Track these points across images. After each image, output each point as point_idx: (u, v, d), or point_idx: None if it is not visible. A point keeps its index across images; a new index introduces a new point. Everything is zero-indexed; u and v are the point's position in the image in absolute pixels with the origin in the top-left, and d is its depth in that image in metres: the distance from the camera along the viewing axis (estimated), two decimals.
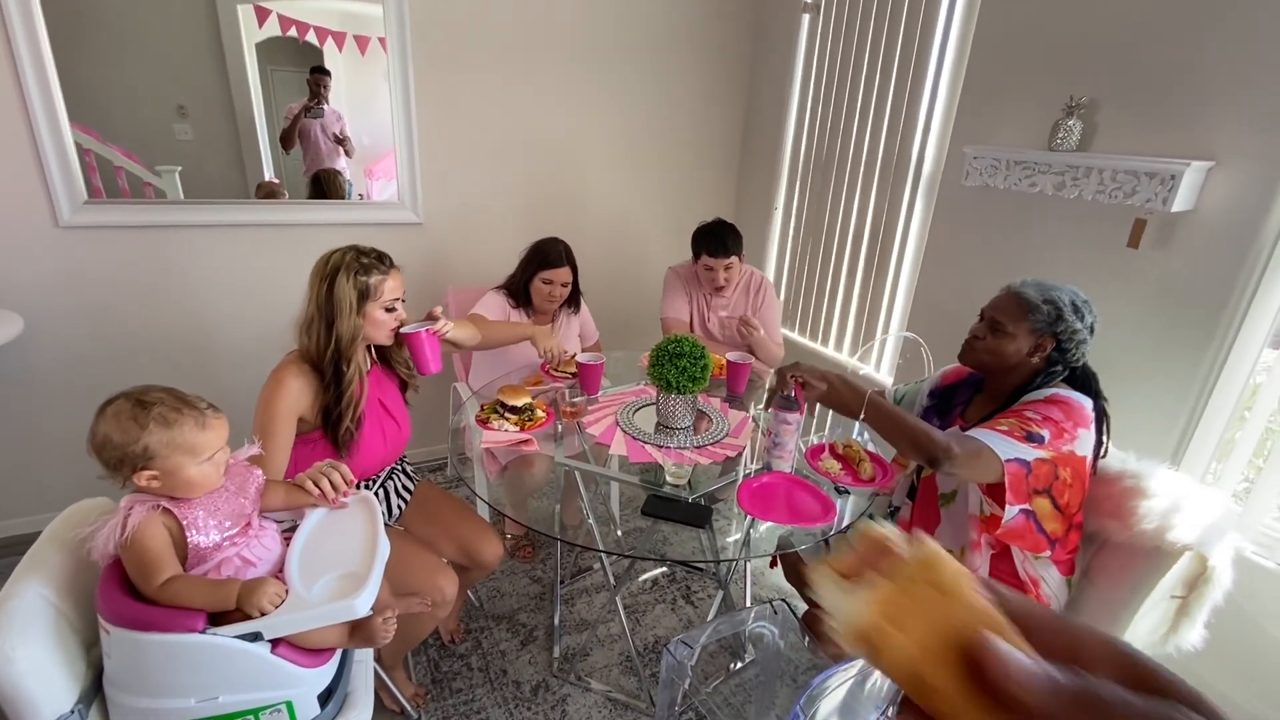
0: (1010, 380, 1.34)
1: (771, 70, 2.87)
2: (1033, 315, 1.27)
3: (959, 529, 1.37)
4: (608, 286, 2.96)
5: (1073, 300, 1.27)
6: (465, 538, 1.64)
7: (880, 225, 2.45)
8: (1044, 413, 1.23)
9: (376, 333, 1.45)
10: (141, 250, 2.14)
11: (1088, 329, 1.28)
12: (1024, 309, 1.28)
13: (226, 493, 1.12)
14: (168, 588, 0.98)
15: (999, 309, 1.33)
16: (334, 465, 1.24)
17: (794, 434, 1.49)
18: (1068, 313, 1.26)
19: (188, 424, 1.04)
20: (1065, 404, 1.25)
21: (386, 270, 1.44)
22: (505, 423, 1.66)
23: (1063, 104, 1.72)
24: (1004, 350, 1.31)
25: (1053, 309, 1.26)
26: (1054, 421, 1.22)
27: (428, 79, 2.35)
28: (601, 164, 2.82)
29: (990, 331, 1.33)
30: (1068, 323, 1.26)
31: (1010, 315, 1.30)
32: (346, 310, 1.37)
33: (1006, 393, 1.35)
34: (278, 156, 2.28)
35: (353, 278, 1.38)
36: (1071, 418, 1.23)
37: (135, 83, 2.03)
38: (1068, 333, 1.26)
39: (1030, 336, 1.29)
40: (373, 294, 1.41)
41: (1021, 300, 1.29)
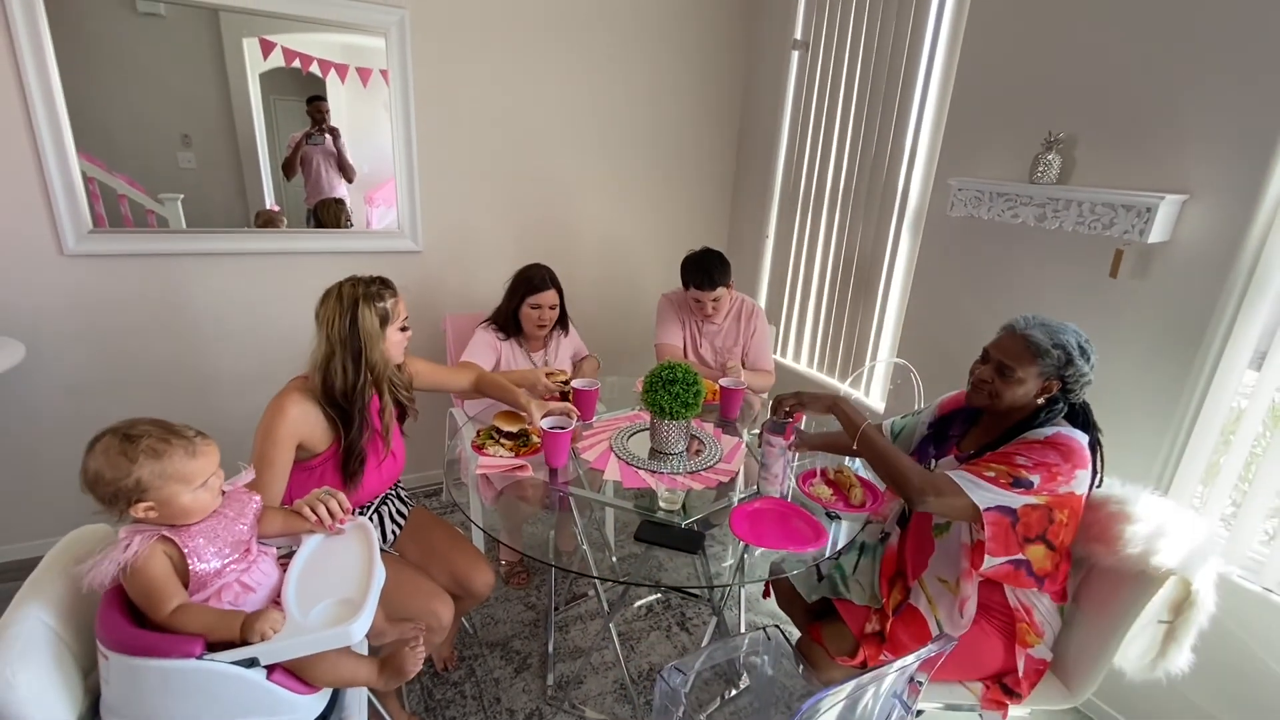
0: (1013, 417, 1.33)
1: (763, 104, 2.96)
2: (1042, 360, 1.26)
3: (952, 559, 1.39)
4: (603, 312, 3.01)
5: (1079, 343, 1.27)
6: (457, 566, 1.65)
7: (869, 254, 2.51)
8: (1037, 457, 1.22)
9: (396, 354, 1.51)
10: (144, 279, 2.17)
11: (1092, 370, 1.28)
12: (1033, 353, 1.27)
13: (225, 519, 1.14)
14: (177, 615, 0.99)
15: (1007, 353, 1.30)
16: (330, 493, 1.26)
17: (779, 457, 1.52)
18: (1076, 357, 1.25)
19: (177, 453, 1.05)
20: (1064, 446, 1.23)
21: (396, 292, 1.49)
22: (500, 448, 1.68)
23: (1042, 138, 1.79)
24: (1014, 393, 1.30)
25: (1063, 354, 1.25)
26: (1046, 465, 1.21)
27: (428, 110, 2.42)
28: (597, 193, 2.88)
29: (998, 375, 1.31)
30: (1077, 366, 1.25)
31: (1018, 359, 1.28)
32: (376, 339, 1.42)
33: (1005, 428, 1.34)
34: (279, 185, 2.32)
35: (372, 306, 1.43)
36: (1070, 459, 1.22)
37: (141, 112, 2.07)
38: (1075, 376, 1.26)
39: (1039, 380, 1.28)
40: (392, 317, 1.47)
41: (1030, 344, 1.28)
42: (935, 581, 1.41)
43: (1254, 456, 1.63)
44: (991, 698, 1.38)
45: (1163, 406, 1.65)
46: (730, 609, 2.18)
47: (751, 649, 1.58)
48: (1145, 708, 1.74)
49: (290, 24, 2.20)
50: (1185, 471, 1.67)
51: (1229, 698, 1.58)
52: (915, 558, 1.45)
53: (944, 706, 1.43)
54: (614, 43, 2.70)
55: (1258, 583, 1.54)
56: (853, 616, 1.46)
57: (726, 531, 1.44)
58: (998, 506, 1.21)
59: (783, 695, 1.56)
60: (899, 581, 1.48)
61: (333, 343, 1.40)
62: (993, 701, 1.37)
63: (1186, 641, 1.28)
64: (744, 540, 1.37)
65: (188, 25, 2.08)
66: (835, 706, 1.05)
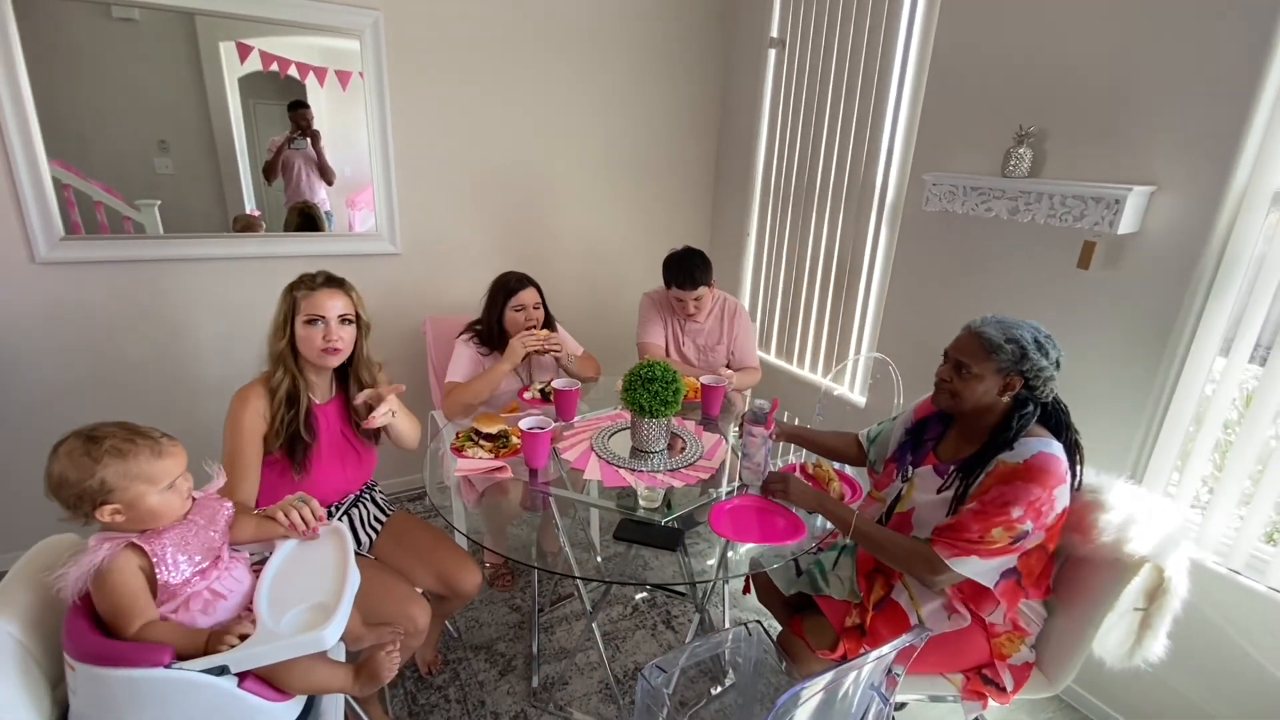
0: (985, 420, 1.33)
1: (741, 102, 2.97)
2: (997, 355, 1.27)
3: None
4: (585, 313, 3.00)
5: (1035, 337, 1.27)
6: (443, 567, 1.64)
7: (849, 249, 2.52)
8: (1025, 498, 1.20)
9: (306, 349, 1.48)
10: (118, 285, 2.15)
11: (1053, 364, 1.27)
12: (986, 349, 1.28)
13: (196, 526, 1.12)
14: (143, 633, 0.98)
15: (962, 350, 1.32)
16: (305, 499, 1.25)
17: (760, 446, 1.53)
18: (1031, 350, 1.25)
19: (143, 453, 1.04)
20: (1040, 471, 1.22)
21: (315, 286, 1.48)
22: (480, 450, 1.67)
23: (1013, 132, 1.80)
24: (973, 392, 1.30)
25: (1016, 348, 1.26)
26: (1035, 507, 1.21)
27: (404, 112, 2.40)
28: (577, 193, 2.88)
29: (955, 374, 1.33)
30: (1033, 360, 1.25)
31: (974, 356, 1.29)
32: (277, 318, 1.47)
33: (982, 432, 1.34)
34: (259, 189, 2.30)
35: (288, 294, 1.47)
36: (1048, 483, 1.21)
37: (117, 118, 2.05)
38: (1034, 370, 1.26)
39: (997, 376, 1.28)
40: (297, 308, 1.46)
41: (983, 341, 1.29)
42: (917, 580, 1.41)
43: (1226, 444, 1.66)
44: (972, 689, 1.39)
45: (1136, 394, 1.67)
46: (715, 606, 2.19)
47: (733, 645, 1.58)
48: (1125, 696, 1.76)
49: (266, 27, 2.18)
50: (1159, 459, 1.69)
51: (1207, 682, 1.60)
52: None
53: (926, 699, 1.44)
54: (591, 44, 2.70)
55: (1229, 567, 1.56)
56: (833, 611, 1.46)
57: (709, 528, 1.44)
58: (1004, 573, 1.25)
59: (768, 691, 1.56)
60: (879, 577, 1.48)
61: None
62: (973, 693, 1.38)
63: (1162, 629, 1.29)
64: (724, 536, 1.37)
65: (163, 30, 2.05)
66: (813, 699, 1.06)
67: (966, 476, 1.31)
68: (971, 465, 1.31)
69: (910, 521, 1.42)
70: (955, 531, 1.25)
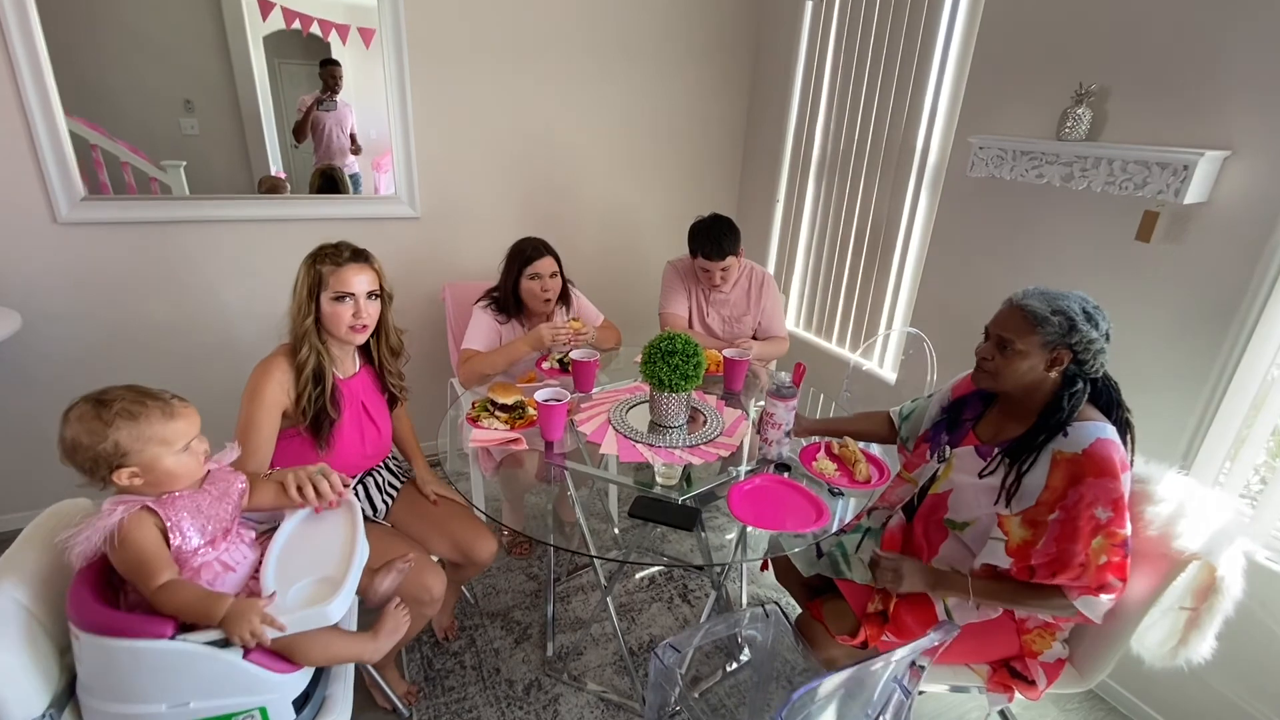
0: (1033, 400, 1.24)
1: (774, 61, 2.81)
2: (1042, 328, 1.18)
3: (967, 555, 1.32)
4: (607, 280, 2.93)
5: (1083, 307, 1.18)
6: (459, 535, 1.62)
7: (884, 217, 2.40)
8: (1104, 495, 1.12)
9: (333, 325, 1.43)
10: (140, 246, 2.14)
11: (1103, 336, 1.18)
12: (1031, 323, 1.19)
13: (210, 497, 1.11)
14: (166, 589, 0.98)
15: (1004, 326, 1.23)
16: (326, 472, 1.23)
17: (782, 421, 1.47)
18: (1080, 321, 1.16)
19: (154, 414, 1.04)
20: (1108, 461, 1.13)
21: (341, 262, 1.43)
22: (495, 421, 1.64)
23: (1072, 91, 1.66)
24: (1017, 369, 1.21)
25: (1064, 320, 1.16)
26: (1116, 501, 1.12)
27: (423, 69, 2.32)
28: (600, 156, 2.78)
29: (999, 350, 1.23)
30: (1082, 333, 1.16)
31: (1018, 331, 1.20)
32: (297, 295, 1.41)
33: (1028, 412, 1.25)
34: (286, 150, 2.28)
35: (311, 264, 1.41)
36: (1116, 471, 1.13)
37: (142, 77, 2.04)
38: (1083, 343, 1.17)
39: (1043, 351, 1.19)
40: (323, 283, 1.41)
41: (1027, 314, 1.19)
42: (946, 568, 1.35)
43: None
44: (998, 681, 1.33)
45: (1192, 378, 1.55)
46: (732, 581, 2.16)
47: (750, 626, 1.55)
48: (1160, 691, 1.69)
49: None
50: (1211, 445, 1.58)
51: (1251, 682, 1.52)
52: (927, 542, 1.39)
53: (948, 689, 1.39)
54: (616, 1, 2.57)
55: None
56: (854, 596, 1.41)
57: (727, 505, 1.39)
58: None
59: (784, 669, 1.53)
60: None
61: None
62: (999, 685, 1.33)
63: (1210, 630, 1.21)
64: (742, 521, 1.32)
65: None
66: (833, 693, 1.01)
67: (1015, 461, 1.23)
68: (1019, 448, 1.23)
69: (946, 503, 1.35)
70: (1063, 563, 1.16)
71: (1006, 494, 1.23)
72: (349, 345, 1.51)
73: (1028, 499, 1.21)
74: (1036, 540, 1.19)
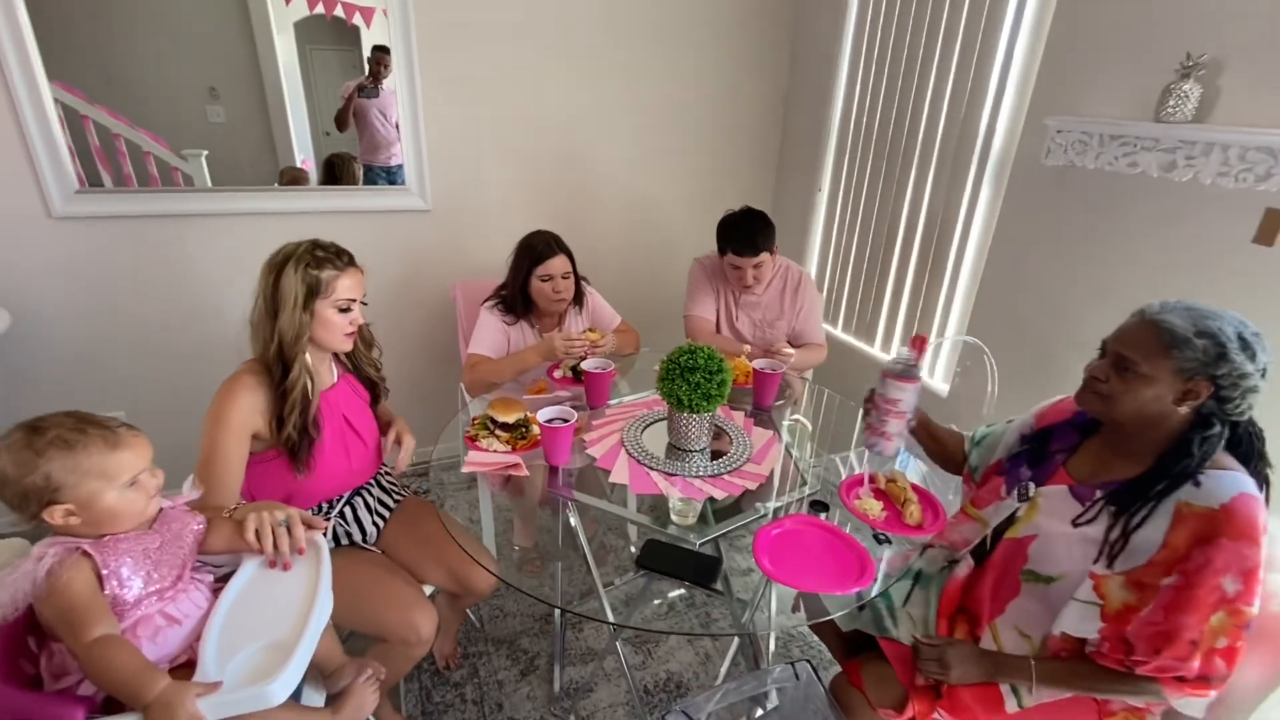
0: (1149, 437, 1.01)
1: (816, 33, 2.55)
2: (1179, 352, 0.94)
3: (1045, 612, 1.10)
4: (627, 278, 2.74)
5: (1239, 332, 0.93)
6: (457, 562, 1.47)
7: (939, 210, 2.14)
8: (1238, 563, 0.90)
9: (329, 335, 1.29)
10: (138, 241, 2.04)
11: (1260, 372, 0.93)
12: (1165, 344, 0.95)
13: (160, 539, 0.98)
14: (99, 646, 0.84)
15: (1129, 343, 1.00)
16: (290, 517, 1.07)
17: (901, 411, 1.21)
18: (1234, 350, 0.92)
19: (95, 444, 0.91)
20: (1250, 524, 0.90)
21: (343, 266, 1.27)
22: (495, 441, 1.47)
23: (1177, 63, 1.39)
24: (1138, 397, 0.98)
25: (1211, 344, 0.93)
26: (1251, 573, 0.90)
27: (434, 52, 2.16)
28: (623, 144, 2.58)
29: (1116, 371, 1.01)
30: (1234, 364, 0.92)
31: (1146, 351, 0.97)
32: (290, 304, 1.22)
33: (1143, 450, 1.02)
34: (318, 139, 2.19)
35: (302, 270, 1.23)
36: (1258, 536, 0.90)
37: (165, 64, 1.98)
38: (1231, 377, 0.93)
39: (1176, 380, 0.95)
40: (323, 290, 1.25)
41: (1163, 331, 0.96)
42: (1011, 631, 1.13)
43: None
44: None
45: None
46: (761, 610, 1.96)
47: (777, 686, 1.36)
48: None
49: None
50: None
51: None
52: (992, 597, 1.17)
53: None
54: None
55: None
56: (901, 660, 1.20)
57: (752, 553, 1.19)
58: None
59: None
60: (962, 621, 1.21)
61: (261, 300, 1.24)
62: None
63: None
64: (771, 577, 1.11)
65: None
66: None
67: (1122, 510, 1.00)
68: (1130, 495, 1.00)
69: (1026, 552, 1.12)
70: (1169, 639, 0.93)
71: (1109, 551, 1.00)
72: (327, 353, 1.36)
73: (1137, 557, 0.98)
74: (1141, 607, 0.97)
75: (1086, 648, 1.02)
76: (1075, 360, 1.75)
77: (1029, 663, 1.06)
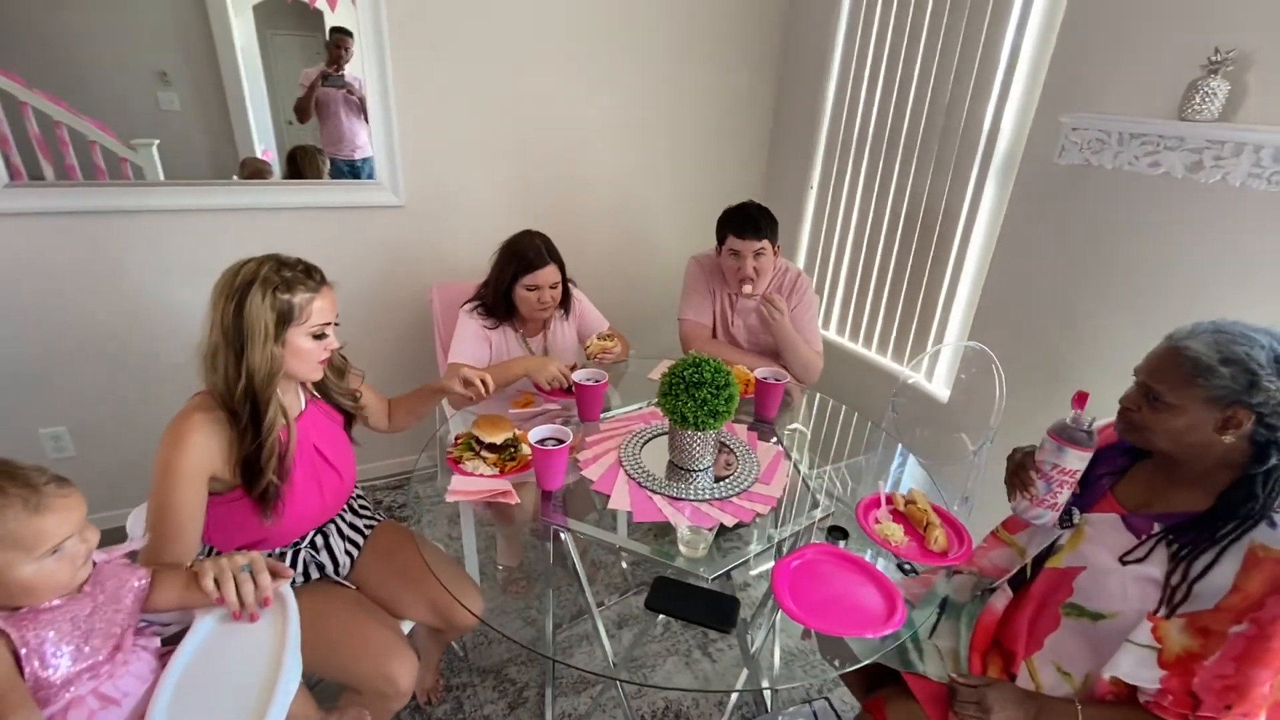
0: (1205, 465, 0.94)
1: (809, 24, 2.46)
2: (1205, 380, 0.88)
3: (1088, 649, 1.02)
4: (614, 280, 2.62)
5: (1276, 356, 0.87)
6: (439, 595, 1.34)
7: (939, 210, 2.06)
8: None
9: (301, 365, 1.13)
10: (83, 240, 1.85)
11: None
12: (1188, 373, 0.90)
13: (92, 604, 0.83)
14: None
15: (1153, 371, 0.95)
16: (254, 565, 0.93)
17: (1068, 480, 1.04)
18: (1266, 376, 0.85)
19: (10, 507, 0.76)
20: None
21: (315, 287, 1.11)
22: (481, 463, 1.35)
23: (1204, 58, 1.32)
24: (1171, 428, 0.92)
25: (1239, 371, 0.86)
26: None
27: (408, 39, 2.00)
28: (608, 139, 2.45)
29: (1146, 401, 0.95)
30: (1269, 391, 0.85)
31: (1169, 381, 0.92)
32: (260, 336, 1.05)
33: (1200, 479, 0.95)
34: (280, 129, 2.03)
35: (270, 295, 1.05)
36: None
37: (110, 46, 1.79)
38: (1271, 405, 0.86)
39: (1209, 409, 0.89)
40: (297, 316, 1.09)
41: (1184, 359, 0.90)
42: (1050, 669, 1.05)
43: None
44: None
45: None
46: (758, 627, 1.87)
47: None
48: None
49: None
50: None
51: None
52: (1029, 630, 1.09)
53: None
54: None
55: None
56: (929, 696, 1.11)
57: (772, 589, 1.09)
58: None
59: None
60: (995, 657, 1.13)
61: (217, 332, 1.06)
62: None
63: None
64: (795, 619, 1.01)
65: None
66: None
67: (1185, 549, 0.92)
68: (1192, 535, 0.92)
69: (1071, 585, 1.04)
70: (1241, 693, 0.85)
71: (1170, 598, 0.92)
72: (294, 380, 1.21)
73: (1202, 600, 0.90)
74: (1206, 654, 0.89)
75: (1140, 696, 0.94)
76: (1087, 373, 1.69)
77: (1075, 707, 0.98)
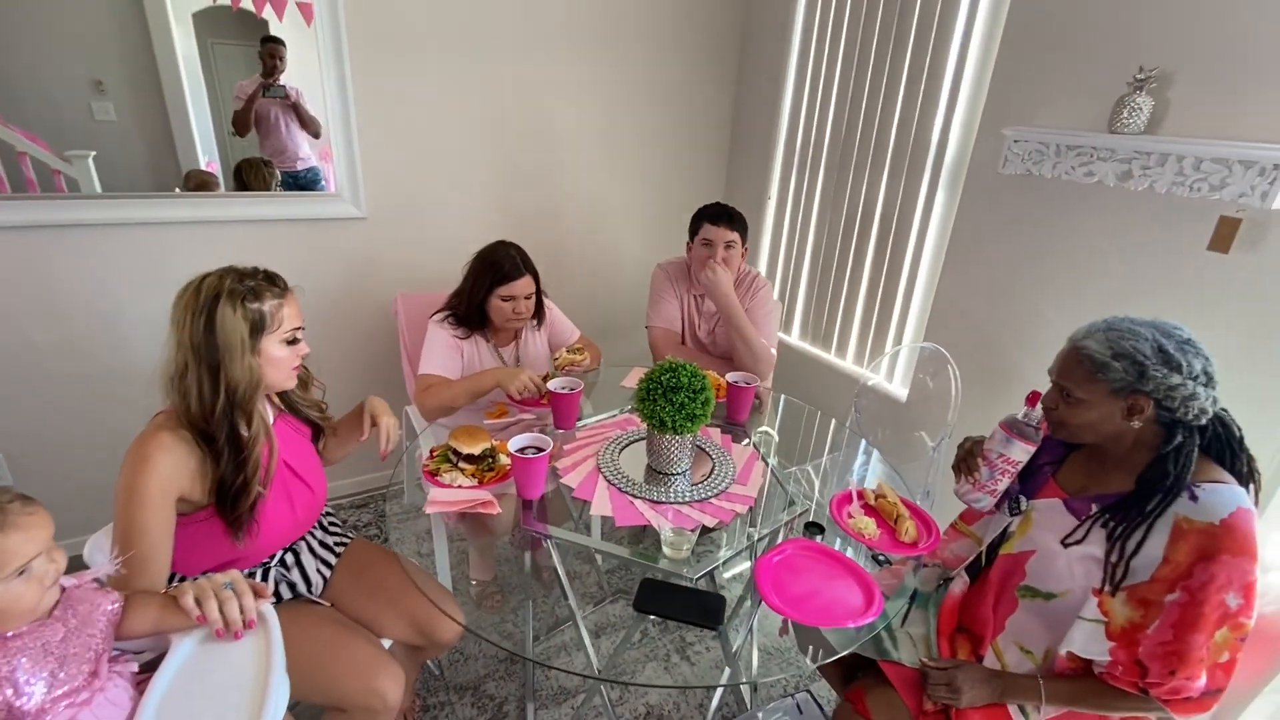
0: (1125, 448, 1.03)
1: (764, 40, 2.54)
2: (1103, 375, 0.97)
3: (1045, 626, 1.09)
4: (582, 288, 2.64)
5: (1159, 346, 0.95)
6: (419, 611, 1.32)
7: (893, 218, 2.16)
8: (1239, 578, 0.90)
9: (277, 374, 1.12)
10: (14, 256, 1.75)
11: (1193, 379, 0.94)
12: (1089, 370, 0.99)
13: (64, 629, 0.80)
14: None
15: (1062, 371, 1.04)
16: (234, 584, 0.91)
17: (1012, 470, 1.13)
18: (1152, 366, 0.94)
19: None
20: (1248, 538, 0.91)
21: (281, 293, 1.10)
22: (459, 475, 1.34)
23: (1129, 75, 1.43)
24: (1085, 420, 1.01)
25: (1129, 364, 0.95)
26: (1250, 587, 0.90)
27: (370, 46, 1.97)
28: (574, 150, 2.47)
29: (1062, 399, 1.04)
30: (1156, 379, 0.94)
31: (1075, 378, 1.01)
32: (238, 350, 1.03)
33: (1124, 460, 1.03)
34: (224, 141, 1.96)
35: (240, 306, 1.03)
36: (1254, 549, 0.91)
37: (41, 53, 1.69)
38: (1161, 391, 0.94)
39: (1112, 400, 0.98)
40: (269, 323, 1.07)
41: (1084, 358, 1.00)
42: (1013, 648, 1.12)
43: None
44: None
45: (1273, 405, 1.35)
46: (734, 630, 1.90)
47: None
48: None
49: None
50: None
51: None
52: (993, 614, 1.15)
53: None
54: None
55: None
56: (905, 683, 1.16)
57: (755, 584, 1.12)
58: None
59: None
60: (964, 639, 1.19)
61: (184, 351, 1.03)
62: None
63: None
64: (778, 612, 1.05)
65: None
66: None
67: (1120, 524, 1.00)
68: (1126, 510, 1.00)
69: (1024, 568, 1.11)
70: (1182, 657, 0.92)
71: (1111, 575, 0.99)
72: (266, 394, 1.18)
73: (1139, 573, 0.98)
74: (1147, 624, 0.96)
75: (1095, 668, 1.01)
76: (1034, 368, 1.79)
77: (1038, 683, 1.04)
